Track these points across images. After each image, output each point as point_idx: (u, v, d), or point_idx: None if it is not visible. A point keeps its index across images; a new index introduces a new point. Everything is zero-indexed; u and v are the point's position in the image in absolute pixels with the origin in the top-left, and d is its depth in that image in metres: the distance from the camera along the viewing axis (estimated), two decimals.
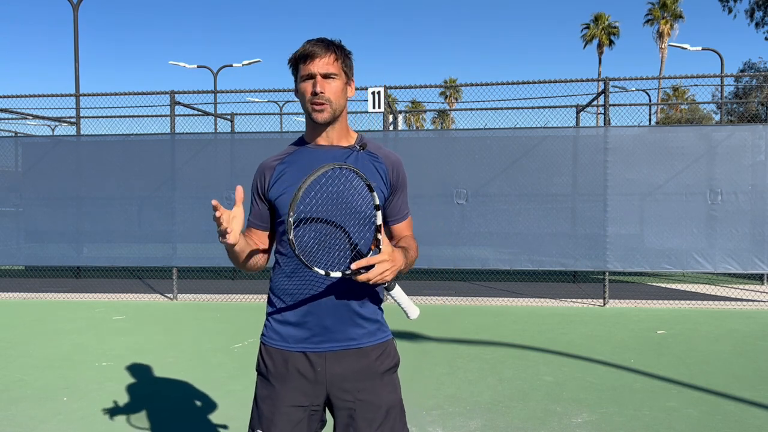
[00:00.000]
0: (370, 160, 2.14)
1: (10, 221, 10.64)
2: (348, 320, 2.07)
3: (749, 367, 5.75)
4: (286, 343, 2.09)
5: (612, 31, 49.98)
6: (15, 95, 10.81)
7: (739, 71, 25.99)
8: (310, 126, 2.14)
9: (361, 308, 2.09)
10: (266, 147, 9.89)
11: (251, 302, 9.62)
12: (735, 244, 8.88)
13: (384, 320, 2.19)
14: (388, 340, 2.17)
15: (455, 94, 58.42)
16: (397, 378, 2.18)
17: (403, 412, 2.16)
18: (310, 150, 2.14)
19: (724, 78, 14.94)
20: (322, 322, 2.06)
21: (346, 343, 2.08)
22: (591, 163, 9.13)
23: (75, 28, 13.66)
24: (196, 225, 10.04)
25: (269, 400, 2.10)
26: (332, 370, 2.07)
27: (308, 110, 2.07)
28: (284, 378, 2.09)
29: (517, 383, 5.28)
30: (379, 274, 1.91)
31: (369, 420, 2.07)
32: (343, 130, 2.15)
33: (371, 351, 2.11)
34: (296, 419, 2.07)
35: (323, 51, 2.04)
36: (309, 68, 2.04)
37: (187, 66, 27.95)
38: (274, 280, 2.15)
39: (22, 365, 5.96)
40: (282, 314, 2.11)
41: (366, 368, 2.09)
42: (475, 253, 9.47)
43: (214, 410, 4.69)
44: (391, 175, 2.17)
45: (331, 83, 2.05)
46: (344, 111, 2.13)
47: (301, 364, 2.07)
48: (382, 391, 2.10)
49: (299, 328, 2.08)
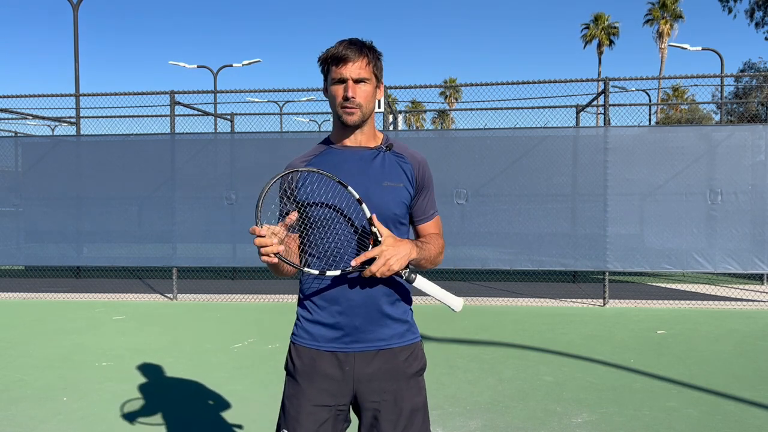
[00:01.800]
0: (396, 160, 2.15)
1: (10, 221, 10.64)
2: (378, 321, 2.08)
3: (749, 367, 5.75)
4: (317, 343, 2.10)
5: (612, 31, 49.98)
6: (15, 95, 10.81)
7: (739, 71, 25.99)
8: (338, 127, 2.15)
9: (391, 309, 2.10)
10: (266, 147, 9.90)
11: (251, 302, 9.62)
12: (735, 244, 8.87)
13: (414, 322, 2.20)
14: (416, 342, 2.17)
15: (455, 94, 58.41)
16: (423, 381, 2.18)
17: (427, 415, 2.17)
18: (337, 151, 2.15)
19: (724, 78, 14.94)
20: (353, 323, 2.07)
21: (376, 343, 2.09)
22: (591, 163, 9.13)
23: (75, 28, 13.66)
24: (196, 225, 10.05)
25: (295, 399, 2.11)
26: (361, 371, 2.08)
27: (338, 114, 2.08)
28: (311, 377, 2.10)
29: (517, 383, 5.28)
30: (383, 264, 1.92)
31: (393, 422, 2.08)
32: (370, 132, 2.16)
33: (400, 352, 2.12)
34: (322, 419, 2.08)
35: (356, 55, 2.04)
36: (341, 72, 2.04)
37: (187, 66, 27.96)
38: (304, 283, 2.16)
39: (22, 365, 5.96)
40: (312, 314, 2.12)
41: (394, 369, 2.10)
42: (475, 253, 9.47)
43: (213, 410, 4.69)
44: (417, 175, 2.17)
45: (363, 87, 2.06)
46: (372, 113, 2.14)
47: (329, 363, 2.08)
48: (408, 394, 2.11)
49: (330, 328, 2.09)
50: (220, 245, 10.21)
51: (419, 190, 2.19)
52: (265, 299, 9.77)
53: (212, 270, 12.33)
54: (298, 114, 27.91)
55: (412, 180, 2.15)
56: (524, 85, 9.92)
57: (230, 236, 10.06)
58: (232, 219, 9.94)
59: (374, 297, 2.06)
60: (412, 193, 2.16)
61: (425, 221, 2.24)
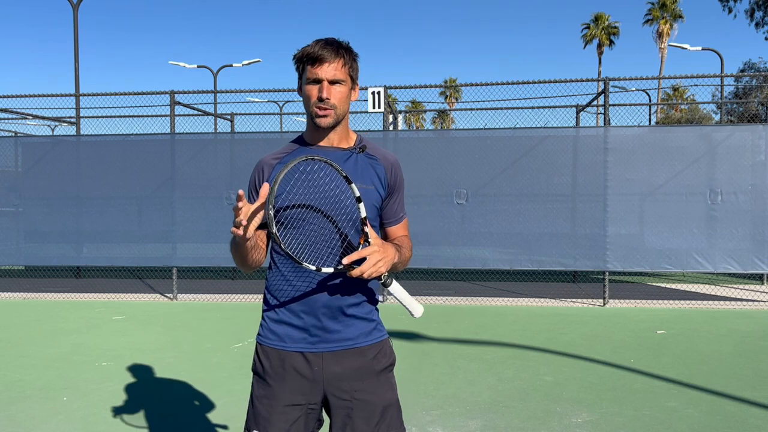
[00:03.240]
0: (368, 162, 2.15)
1: (10, 221, 10.64)
2: (344, 320, 2.08)
3: (749, 367, 5.75)
4: (283, 343, 2.10)
5: (612, 31, 49.98)
6: (15, 95, 10.81)
7: (739, 71, 25.98)
8: (311, 127, 2.14)
9: (357, 308, 2.10)
10: (266, 147, 9.88)
11: (251, 302, 9.62)
12: (735, 244, 8.87)
13: (380, 319, 2.20)
14: (384, 340, 2.18)
15: (455, 94, 58.41)
16: (393, 377, 2.19)
17: (399, 410, 2.18)
18: (309, 150, 2.14)
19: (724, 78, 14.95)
20: (319, 322, 2.07)
21: (343, 342, 2.09)
22: (591, 163, 9.14)
23: (75, 28, 13.66)
24: (196, 225, 10.05)
25: (266, 399, 2.10)
26: (330, 370, 2.08)
27: (311, 114, 2.07)
28: (282, 377, 2.09)
29: (517, 383, 5.28)
30: (373, 265, 1.91)
31: (366, 419, 2.08)
32: (343, 133, 2.15)
33: (368, 350, 2.12)
34: (293, 417, 2.08)
35: (332, 56, 2.03)
36: (316, 72, 2.03)
37: (187, 66, 27.95)
38: (270, 280, 2.16)
39: (22, 365, 5.96)
40: (278, 314, 2.12)
41: (363, 367, 2.10)
42: (475, 253, 9.47)
43: (213, 410, 4.69)
44: (389, 177, 2.17)
45: (338, 89, 2.05)
46: (346, 114, 2.13)
47: (298, 363, 2.08)
48: (378, 390, 2.11)
49: (296, 328, 2.09)
50: (220, 245, 10.20)
51: (390, 192, 2.18)
52: None
53: (212, 270, 12.33)
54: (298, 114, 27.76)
55: (383, 182, 2.15)
56: (524, 85, 9.92)
57: (230, 236, 10.00)
58: (232, 219, 9.92)
59: (340, 297, 2.06)
60: (383, 195, 2.16)
61: (395, 223, 2.24)
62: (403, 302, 2.05)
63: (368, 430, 2.08)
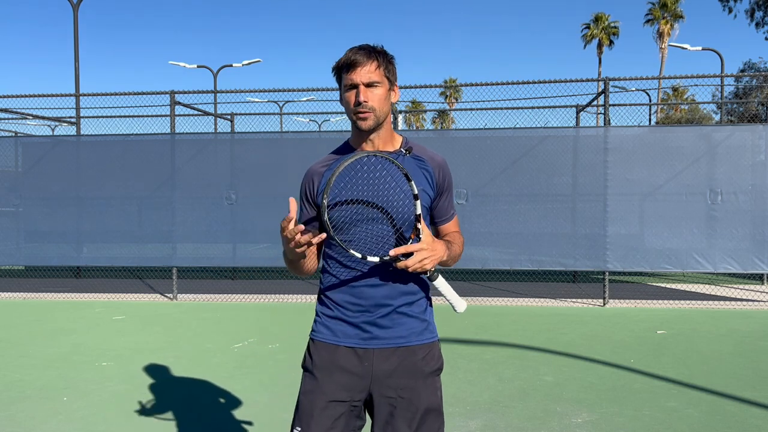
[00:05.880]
0: (416, 164, 2.17)
1: (10, 221, 10.64)
2: (397, 318, 2.11)
3: (749, 367, 5.75)
4: (336, 338, 2.13)
5: (612, 31, 49.96)
6: (15, 95, 10.81)
7: (739, 71, 25.98)
8: (355, 132, 2.17)
9: (409, 308, 2.13)
10: (266, 147, 9.90)
11: (251, 302, 9.62)
12: (735, 244, 8.87)
13: (432, 321, 2.21)
14: (434, 342, 2.20)
15: (455, 94, 58.39)
16: (439, 381, 2.20)
17: (441, 417, 2.17)
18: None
19: (724, 78, 14.95)
20: (372, 319, 2.09)
21: (395, 340, 2.11)
22: (591, 163, 9.13)
23: (75, 28, 13.66)
24: (196, 225, 10.05)
25: (311, 394, 2.12)
26: (379, 367, 2.10)
27: (353, 119, 2.10)
28: (329, 371, 2.12)
29: (517, 383, 5.28)
30: (418, 261, 1.96)
31: (408, 419, 2.10)
32: (387, 135, 2.16)
33: (418, 350, 2.14)
34: (336, 414, 2.09)
35: (365, 59, 2.05)
36: (352, 78, 2.05)
37: (187, 66, 27.95)
38: (324, 281, 2.19)
39: (22, 365, 5.96)
40: (333, 311, 2.15)
41: (412, 366, 2.12)
42: (475, 253, 9.47)
43: (213, 410, 4.69)
44: (438, 178, 2.19)
45: (375, 91, 2.07)
46: (388, 116, 2.14)
47: (348, 358, 2.11)
48: (423, 392, 2.13)
49: (349, 324, 2.12)
50: (220, 245, 10.21)
51: (440, 192, 2.21)
52: (265, 299, 9.77)
53: (212, 270, 12.33)
54: (298, 114, 27.89)
55: (432, 183, 2.18)
56: (524, 85, 9.92)
57: (230, 236, 10.06)
58: (232, 219, 9.95)
59: (394, 295, 2.09)
60: (432, 196, 2.19)
61: (446, 221, 2.27)
62: (447, 297, 2.08)
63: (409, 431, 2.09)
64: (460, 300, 2.10)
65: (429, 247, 1.98)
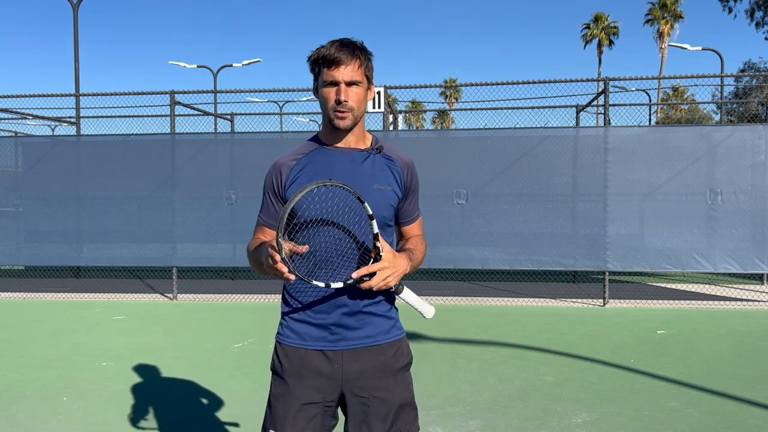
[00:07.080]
0: (385, 163, 2.17)
1: (10, 221, 10.64)
2: (364, 318, 2.11)
3: (749, 367, 5.75)
4: (303, 342, 2.12)
5: (612, 31, 49.96)
6: (15, 95, 10.81)
7: (739, 71, 25.98)
8: (328, 128, 2.14)
9: (376, 306, 2.13)
10: (266, 147, 9.89)
11: (251, 302, 9.62)
12: (735, 244, 8.87)
13: (398, 318, 2.22)
14: (402, 338, 2.21)
15: (455, 94, 58.39)
16: (410, 376, 2.22)
17: (415, 410, 2.20)
18: (327, 151, 2.15)
19: (724, 78, 14.95)
20: (339, 321, 2.09)
21: (363, 340, 2.11)
22: (591, 163, 9.13)
23: (75, 28, 13.66)
24: (196, 225, 10.05)
25: (283, 398, 2.12)
26: (349, 367, 2.10)
27: (330, 117, 2.07)
28: (300, 375, 2.11)
29: (517, 383, 5.28)
30: (382, 280, 1.96)
31: (382, 417, 2.10)
32: (360, 133, 2.16)
33: (387, 348, 2.14)
34: (310, 415, 2.09)
35: (349, 57, 2.03)
36: (333, 75, 2.03)
37: (187, 66, 27.95)
38: (287, 285, 2.17)
39: (22, 365, 5.96)
40: (298, 313, 2.14)
41: (382, 365, 2.13)
42: (475, 253, 9.47)
43: (213, 410, 4.69)
44: (406, 178, 2.20)
45: (355, 90, 2.06)
46: (363, 115, 2.14)
47: (318, 361, 2.10)
48: (396, 389, 2.14)
49: (316, 326, 2.11)
50: (220, 245, 10.21)
51: (407, 193, 2.22)
52: (265, 299, 9.77)
53: (212, 270, 12.33)
54: (298, 114, 27.86)
55: (400, 183, 2.18)
56: (524, 85, 9.92)
57: (230, 236, 10.06)
58: (232, 219, 9.95)
59: (359, 296, 2.08)
60: (400, 196, 2.18)
61: (410, 223, 2.28)
62: (415, 306, 2.10)
63: (384, 428, 2.10)
64: (428, 306, 2.11)
65: (391, 264, 1.98)
